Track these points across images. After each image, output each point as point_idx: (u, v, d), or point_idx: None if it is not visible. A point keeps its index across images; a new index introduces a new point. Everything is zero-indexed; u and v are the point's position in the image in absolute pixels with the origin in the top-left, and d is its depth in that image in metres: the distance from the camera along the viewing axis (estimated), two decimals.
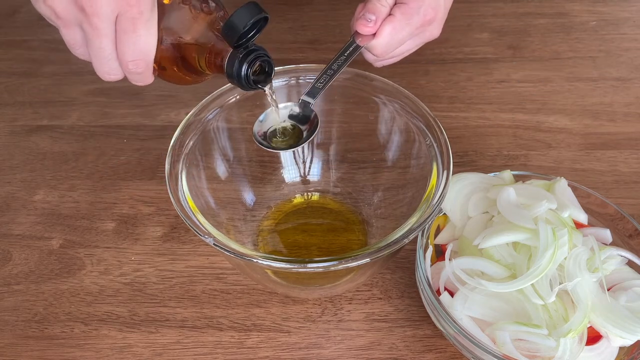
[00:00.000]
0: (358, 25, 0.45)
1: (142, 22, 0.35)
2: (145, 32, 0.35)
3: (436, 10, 0.46)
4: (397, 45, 0.47)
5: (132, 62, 0.37)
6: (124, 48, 0.36)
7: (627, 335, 0.38)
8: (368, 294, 0.48)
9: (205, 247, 0.52)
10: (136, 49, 0.36)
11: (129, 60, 0.36)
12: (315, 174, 0.54)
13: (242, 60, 0.37)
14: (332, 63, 0.46)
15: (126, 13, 0.34)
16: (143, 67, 0.37)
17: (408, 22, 0.45)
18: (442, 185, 0.41)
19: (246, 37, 0.37)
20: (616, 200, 0.53)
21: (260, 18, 0.36)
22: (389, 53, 0.47)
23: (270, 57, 0.39)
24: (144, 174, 0.58)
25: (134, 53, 0.36)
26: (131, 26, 0.35)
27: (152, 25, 0.36)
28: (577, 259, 0.40)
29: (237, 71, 0.37)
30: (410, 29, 0.46)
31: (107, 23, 0.35)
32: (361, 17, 0.45)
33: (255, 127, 0.45)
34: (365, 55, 0.48)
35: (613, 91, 0.66)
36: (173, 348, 0.45)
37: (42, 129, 0.64)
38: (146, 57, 0.37)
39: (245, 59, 0.37)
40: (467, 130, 0.62)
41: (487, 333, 0.39)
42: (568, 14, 0.78)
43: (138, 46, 0.36)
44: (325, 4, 0.81)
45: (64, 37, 0.37)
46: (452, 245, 0.44)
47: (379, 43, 0.46)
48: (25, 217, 0.55)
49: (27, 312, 0.48)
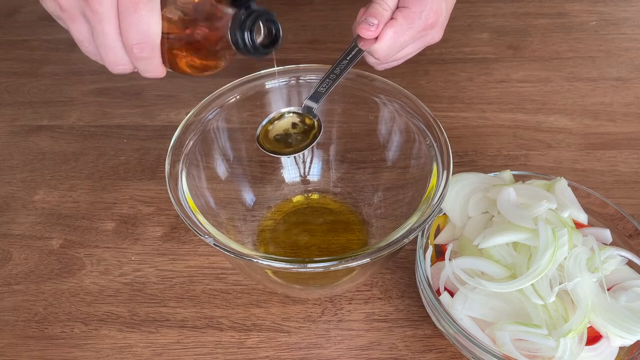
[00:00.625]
0: (360, 29, 0.45)
1: (144, 2, 0.34)
2: (148, 12, 0.35)
3: (438, 14, 0.46)
4: (399, 49, 0.47)
5: (136, 46, 0.36)
6: (127, 31, 0.35)
7: (627, 335, 0.38)
8: (368, 294, 0.48)
9: (205, 247, 0.52)
10: (139, 30, 0.35)
11: (133, 43, 0.36)
12: (315, 174, 0.54)
13: (244, 20, 0.35)
14: (334, 67, 0.45)
15: None
16: (149, 51, 0.36)
17: (410, 26, 0.45)
18: (442, 185, 0.41)
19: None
20: (616, 200, 0.53)
21: None
22: (390, 57, 0.47)
23: (275, 19, 0.37)
24: (144, 174, 0.58)
25: (138, 35, 0.35)
26: (132, 6, 0.34)
27: (154, 5, 0.35)
28: (577, 259, 0.40)
29: (241, 34, 0.36)
30: (412, 33, 0.46)
31: (107, 7, 0.34)
32: (363, 21, 0.45)
33: (259, 132, 0.45)
34: (367, 59, 0.48)
35: (613, 91, 0.66)
36: (173, 348, 0.45)
37: (42, 129, 0.64)
38: (151, 39, 0.36)
39: (248, 19, 0.36)
40: (467, 130, 0.62)
41: (487, 333, 0.39)
42: (568, 14, 0.78)
43: (141, 27, 0.35)
44: (325, 4, 0.81)
45: (72, 34, 0.37)
46: (452, 245, 0.44)
47: (380, 47, 0.46)
48: (25, 217, 0.55)
49: (27, 312, 0.48)
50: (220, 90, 0.48)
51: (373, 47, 0.46)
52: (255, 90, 0.48)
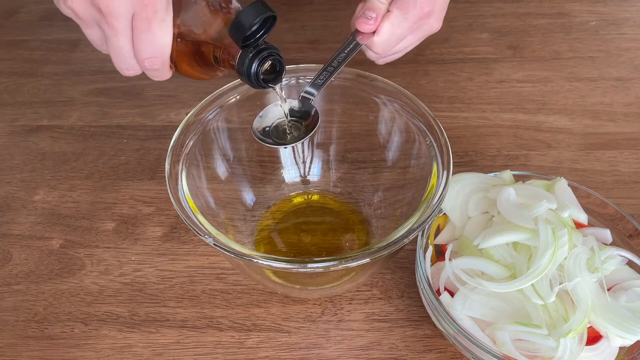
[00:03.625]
0: (358, 24, 0.45)
1: (157, 21, 0.36)
2: (160, 31, 0.36)
3: (433, 2, 0.46)
4: (397, 41, 0.47)
5: (147, 60, 0.38)
6: (139, 46, 0.37)
7: (627, 335, 0.38)
8: (368, 294, 0.48)
9: (205, 247, 0.52)
10: (151, 47, 0.37)
11: (144, 57, 0.38)
12: (315, 174, 0.54)
13: (252, 59, 0.37)
14: (332, 60, 0.46)
15: (141, 12, 0.35)
16: (159, 65, 0.38)
17: (405, 16, 0.45)
18: (442, 185, 0.41)
19: (254, 37, 0.37)
20: (616, 200, 0.53)
21: (267, 16, 0.36)
22: (389, 50, 0.47)
23: (281, 56, 0.39)
24: (144, 174, 0.58)
25: (149, 51, 0.37)
26: (146, 25, 0.36)
27: (167, 23, 0.37)
28: (577, 259, 0.40)
29: (247, 70, 0.38)
30: (409, 24, 0.46)
31: (123, 22, 0.36)
32: (361, 15, 0.45)
33: (255, 124, 0.45)
34: (367, 54, 0.48)
35: (613, 91, 0.66)
36: (173, 348, 0.45)
37: (42, 129, 0.64)
38: (161, 55, 0.38)
39: (255, 58, 0.37)
40: (467, 130, 0.62)
41: (487, 333, 0.39)
42: (568, 14, 0.78)
43: (153, 44, 0.37)
44: (325, 4, 0.81)
45: (86, 35, 0.39)
46: (452, 245, 0.44)
47: (379, 40, 0.46)
48: (25, 217, 0.55)
49: (27, 312, 0.48)
50: (220, 90, 0.48)
51: (371, 41, 0.46)
52: (255, 90, 0.48)
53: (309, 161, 0.54)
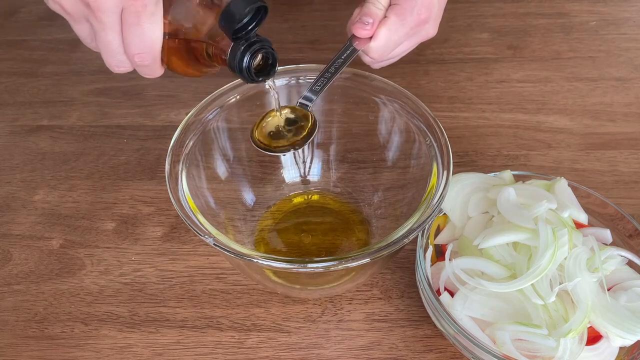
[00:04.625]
0: (355, 29, 0.45)
1: (146, 15, 0.35)
2: (150, 26, 0.36)
3: (430, 9, 0.46)
4: (393, 46, 0.47)
5: (137, 55, 0.37)
6: (129, 41, 0.36)
7: (627, 335, 0.38)
8: (368, 294, 0.48)
9: (205, 247, 0.52)
10: (141, 42, 0.36)
11: (134, 53, 0.37)
12: (315, 174, 0.54)
13: (243, 51, 0.37)
14: (329, 66, 0.46)
15: (130, 7, 0.35)
16: (149, 60, 0.38)
17: (402, 23, 0.45)
18: (442, 185, 0.41)
19: (246, 29, 0.36)
20: (616, 200, 0.53)
21: (258, 7, 0.35)
22: (386, 55, 0.47)
23: (273, 49, 0.38)
24: (144, 174, 0.58)
25: (139, 46, 0.37)
26: (135, 20, 0.35)
27: (157, 18, 0.36)
28: (577, 259, 0.40)
29: (239, 63, 0.37)
30: (405, 30, 0.46)
31: (112, 17, 0.35)
32: (358, 21, 0.45)
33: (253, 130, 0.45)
34: (363, 58, 0.48)
35: (613, 91, 0.66)
36: (173, 348, 0.45)
37: (42, 129, 0.64)
38: (151, 50, 0.37)
39: (247, 51, 0.37)
40: (467, 130, 0.62)
41: (487, 333, 0.39)
42: (568, 14, 0.78)
43: (143, 39, 0.36)
44: (325, 4, 0.81)
45: (76, 32, 0.38)
46: (452, 245, 0.44)
47: (375, 46, 0.46)
48: (25, 217, 0.55)
49: (27, 312, 0.48)
50: (220, 90, 0.48)
51: (368, 46, 0.46)
52: (255, 90, 0.48)
53: (309, 161, 0.54)
